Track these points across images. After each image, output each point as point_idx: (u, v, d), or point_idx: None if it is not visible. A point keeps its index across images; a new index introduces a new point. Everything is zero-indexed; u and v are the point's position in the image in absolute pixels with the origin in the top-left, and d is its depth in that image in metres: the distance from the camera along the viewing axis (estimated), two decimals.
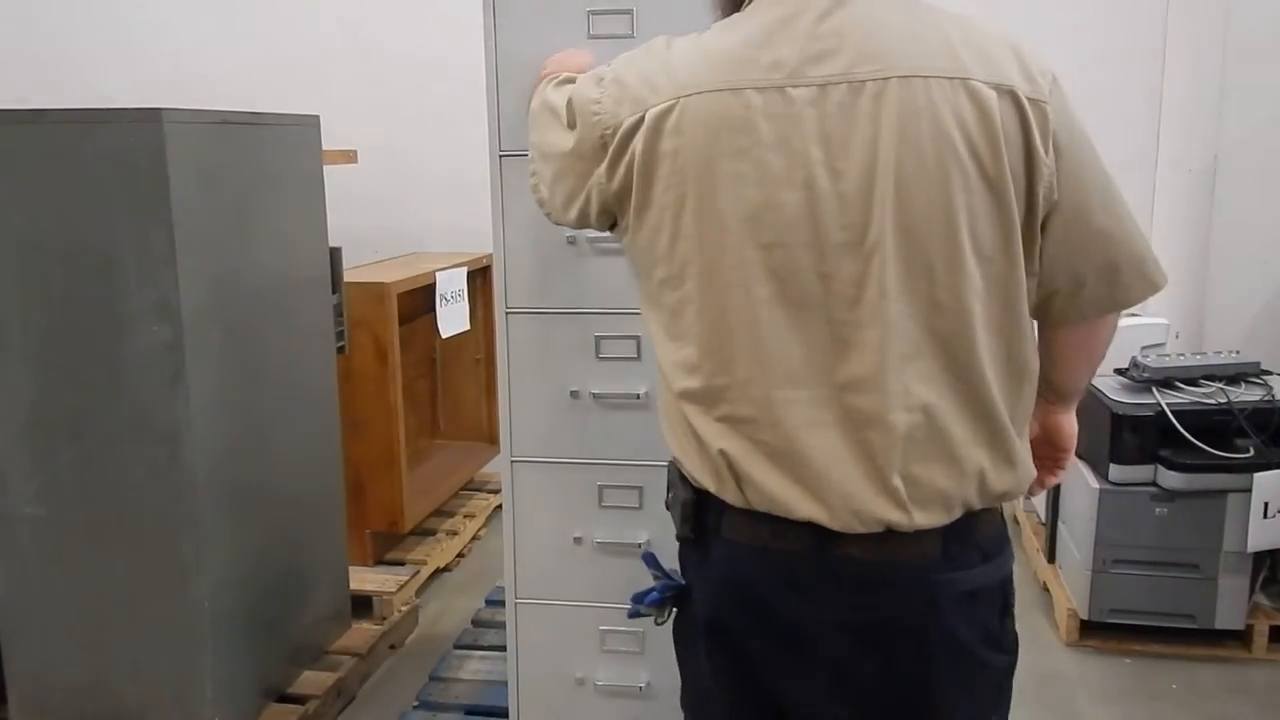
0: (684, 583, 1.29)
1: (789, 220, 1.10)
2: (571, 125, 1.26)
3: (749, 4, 1.19)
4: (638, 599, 1.32)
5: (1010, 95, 1.10)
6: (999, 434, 1.14)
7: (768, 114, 1.10)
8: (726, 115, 1.11)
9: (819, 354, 1.11)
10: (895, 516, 1.10)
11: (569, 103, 1.26)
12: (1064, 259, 1.16)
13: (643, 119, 1.16)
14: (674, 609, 1.31)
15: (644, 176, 1.17)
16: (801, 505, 1.12)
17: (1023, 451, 1.17)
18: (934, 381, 1.11)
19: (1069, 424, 1.41)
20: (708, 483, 1.18)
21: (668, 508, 1.30)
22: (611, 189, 1.21)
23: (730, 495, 1.16)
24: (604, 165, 1.21)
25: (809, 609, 1.15)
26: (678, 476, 1.25)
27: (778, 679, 1.20)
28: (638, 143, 1.16)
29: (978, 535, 1.16)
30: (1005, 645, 1.21)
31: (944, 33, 1.11)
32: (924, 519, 1.11)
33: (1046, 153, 1.11)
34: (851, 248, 1.09)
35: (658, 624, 1.33)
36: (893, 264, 1.08)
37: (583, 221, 1.29)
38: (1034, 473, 1.21)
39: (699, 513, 1.22)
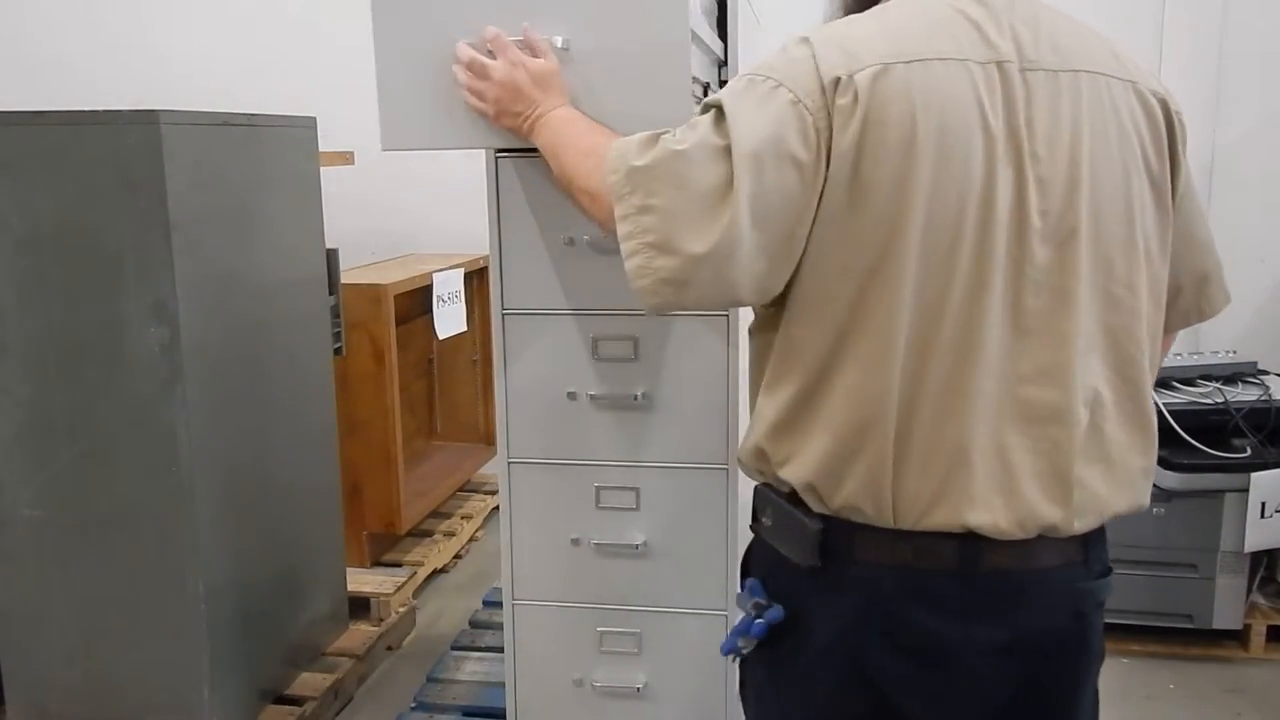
0: (784, 613, 1.18)
1: (997, 200, 1.04)
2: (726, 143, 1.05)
3: None
4: (740, 631, 1.19)
5: (1163, 103, 1.14)
6: (1150, 440, 1.13)
7: (989, 89, 1.05)
8: (951, 86, 1.04)
9: (1003, 342, 1.06)
10: (1059, 519, 1.07)
11: (724, 112, 1.06)
12: (1173, 266, 1.18)
13: (851, 79, 1.02)
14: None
15: (855, 149, 1.02)
16: (959, 512, 1.06)
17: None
18: (1103, 379, 1.09)
19: None
20: (856, 501, 1.09)
21: (756, 531, 1.21)
22: (841, 147, 1.02)
23: (879, 515, 1.08)
24: (828, 125, 1.03)
25: (954, 628, 1.09)
26: (785, 498, 1.15)
27: (914, 706, 1.13)
28: (854, 108, 1.02)
29: (1106, 543, 1.15)
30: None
31: (1099, 38, 1.15)
32: (1081, 524, 1.09)
33: (1183, 161, 1.15)
34: (1047, 234, 1.06)
35: (742, 654, 1.22)
36: (1085, 253, 1.08)
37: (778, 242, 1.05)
38: None
39: (826, 537, 1.11)
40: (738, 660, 1.25)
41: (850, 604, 1.12)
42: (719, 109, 1.07)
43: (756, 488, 1.21)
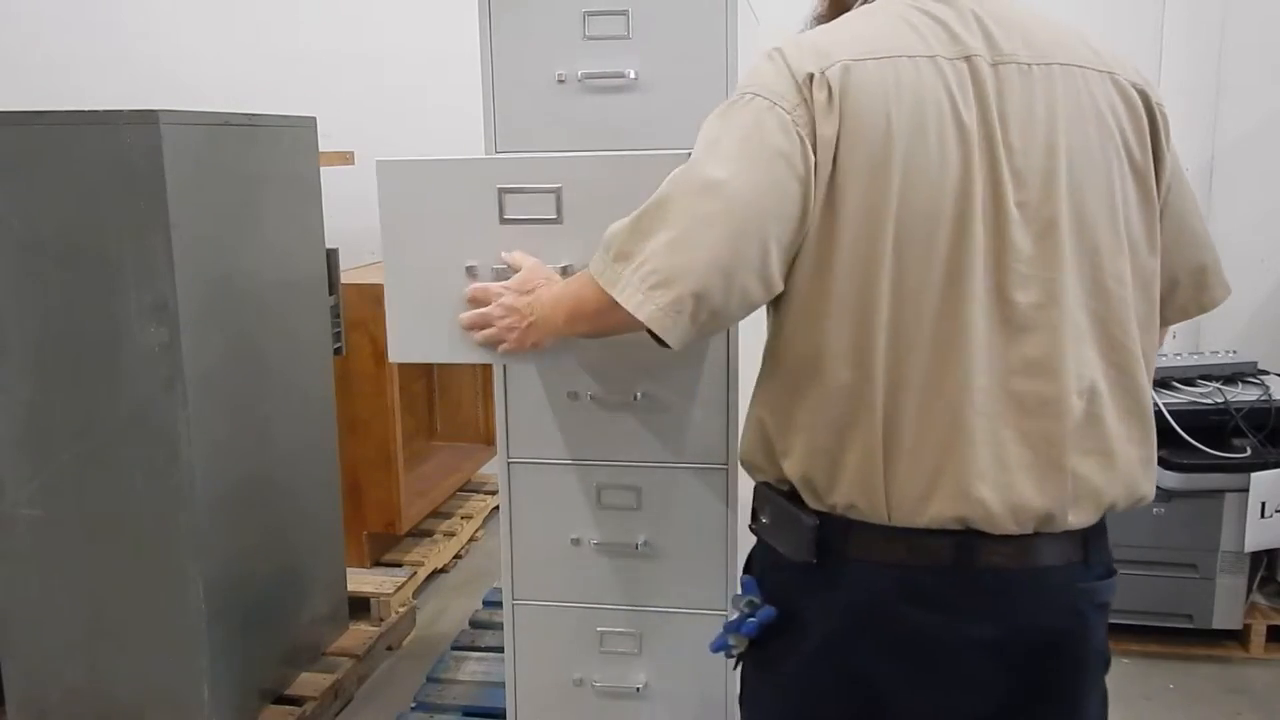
0: (777, 613, 1.19)
1: (969, 193, 1.05)
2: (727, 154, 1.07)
3: (864, 3, 1.17)
4: (731, 628, 1.20)
5: (1143, 94, 1.14)
6: (1148, 430, 1.12)
7: (960, 84, 1.07)
8: (921, 81, 1.06)
9: (989, 335, 1.06)
10: (1053, 511, 1.06)
11: (719, 131, 1.10)
12: (1166, 260, 1.18)
13: (824, 74, 1.05)
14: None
15: (835, 139, 1.05)
16: (951, 504, 1.05)
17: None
18: (1098, 369, 1.09)
19: None
20: (851, 496, 1.09)
21: (755, 530, 1.22)
22: (825, 136, 1.05)
23: (874, 509, 1.09)
24: (809, 119, 1.05)
25: (947, 625, 1.09)
26: (784, 495, 1.16)
27: (908, 706, 1.13)
28: (831, 101, 1.05)
29: (1107, 543, 1.14)
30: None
31: (1076, 32, 1.15)
32: (1076, 518, 1.08)
33: (1167, 152, 1.16)
34: (1027, 225, 1.07)
35: (734, 654, 1.23)
36: (1067, 244, 1.08)
37: (792, 244, 1.07)
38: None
39: (822, 533, 1.12)
40: (736, 662, 1.25)
41: (844, 602, 1.12)
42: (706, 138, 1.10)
43: (756, 486, 1.21)
